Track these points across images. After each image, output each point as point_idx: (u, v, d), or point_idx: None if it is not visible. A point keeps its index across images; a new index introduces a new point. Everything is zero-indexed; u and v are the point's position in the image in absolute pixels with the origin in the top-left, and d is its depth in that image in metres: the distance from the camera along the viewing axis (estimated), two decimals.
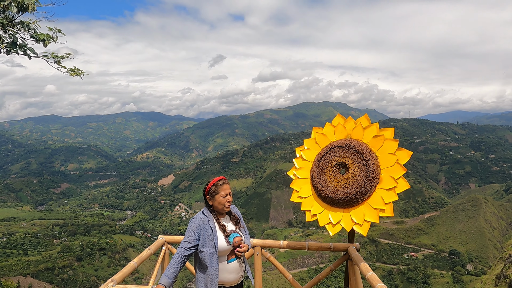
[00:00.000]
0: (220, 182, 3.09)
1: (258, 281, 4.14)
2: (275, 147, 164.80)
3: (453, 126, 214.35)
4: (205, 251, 2.98)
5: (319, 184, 3.91)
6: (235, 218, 3.21)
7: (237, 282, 3.17)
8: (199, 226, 3.04)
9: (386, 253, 79.11)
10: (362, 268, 3.43)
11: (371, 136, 3.83)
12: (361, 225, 3.60)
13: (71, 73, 5.52)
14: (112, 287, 3.02)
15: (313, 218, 3.92)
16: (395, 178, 3.52)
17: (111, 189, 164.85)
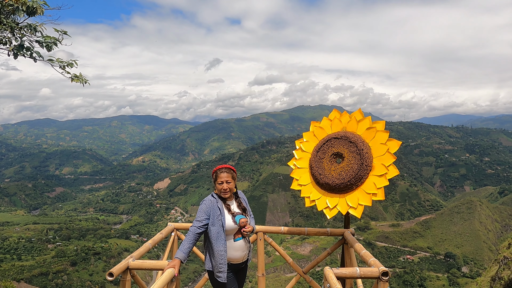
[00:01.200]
0: (219, 171, 3.44)
1: (261, 264, 4.56)
2: (271, 151, 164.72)
3: (448, 129, 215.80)
4: (214, 230, 3.32)
5: (317, 172, 4.29)
6: (242, 204, 3.54)
7: (243, 260, 3.49)
8: (209, 207, 3.38)
9: (382, 256, 79.19)
10: (356, 248, 3.76)
11: (365, 128, 4.20)
12: (355, 208, 3.96)
13: (74, 79, 5.47)
14: (132, 261, 3.33)
15: (312, 204, 4.28)
16: (386, 165, 3.89)
17: (106, 193, 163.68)
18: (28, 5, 4.47)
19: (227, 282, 3.36)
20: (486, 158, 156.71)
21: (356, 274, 3.19)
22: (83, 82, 5.52)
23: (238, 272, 3.55)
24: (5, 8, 4.55)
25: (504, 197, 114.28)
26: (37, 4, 4.51)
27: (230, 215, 3.40)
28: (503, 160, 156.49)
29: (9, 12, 4.72)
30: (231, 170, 3.49)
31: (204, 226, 3.33)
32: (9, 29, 4.69)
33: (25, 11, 4.52)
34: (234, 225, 3.38)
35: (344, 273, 3.18)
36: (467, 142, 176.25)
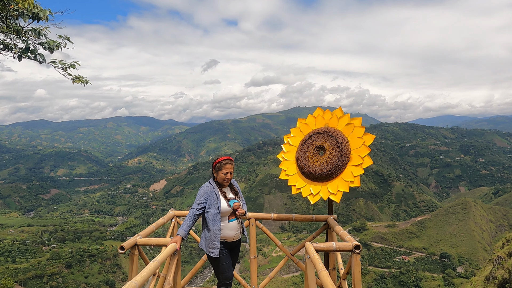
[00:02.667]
0: (224, 162, 3.88)
1: (253, 247, 5.02)
2: (268, 152, 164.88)
3: (443, 130, 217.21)
4: (210, 212, 3.78)
5: (302, 163, 4.76)
6: (235, 189, 4.03)
7: (236, 238, 3.96)
8: (206, 192, 3.85)
9: (378, 256, 79.43)
10: (336, 230, 4.18)
11: (344, 124, 4.67)
12: (335, 194, 4.39)
13: (76, 80, 5.61)
14: (139, 238, 3.74)
15: (298, 191, 4.73)
16: (361, 156, 4.36)
17: (101, 194, 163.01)
18: (33, 11, 4.73)
19: (221, 257, 3.81)
20: (480, 159, 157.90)
21: (333, 247, 3.38)
22: (84, 83, 5.71)
23: (232, 250, 4.00)
24: (11, 13, 4.75)
25: (498, 198, 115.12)
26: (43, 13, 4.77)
27: (225, 199, 3.87)
28: (497, 161, 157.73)
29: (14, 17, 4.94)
30: (233, 162, 3.99)
31: (202, 208, 3.82)
32: (14, 32, 4.90)
33: (30, 16, 4.75)
34: (229, 208, 3.85)
35: (322, 246, 3.38)
36: (462, 143, 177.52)
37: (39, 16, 4.82)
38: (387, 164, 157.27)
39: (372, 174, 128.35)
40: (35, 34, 5.15)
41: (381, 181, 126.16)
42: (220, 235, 3.80)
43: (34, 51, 5.22)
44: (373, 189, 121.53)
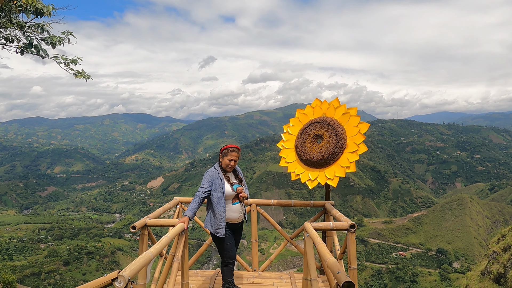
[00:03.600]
0: (231, 149, 4.14)
1: (254, 231, 5.31)
2: (265, 148, 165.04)
3: (439, 127, 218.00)
4: (215, 195, 4.03)
5: (301, 151, 4.99)
6: (239, 176, 4.31)
7: (239, 220, 4.24)
8: (212, 176, 4.09)
9: (375, 252, 79.94)
10: (333, 213, 4.39)
11: (341, 114, 4.88)
12: (332, 179, 4.63)
13: (77, 75, 5.76)
14: (149, 220, 3.99)
15: (297, 177, 4.97)
16: (357, 143, 4.58)
17: (99, 192, 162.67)
18: (37, 7, 4.85)
19: (226, 237, 4.07)
20: (476, 155, 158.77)
21: (330, 226, 3.58)
22: (86, 77, 5.86)
23: (235, 231, 4.28)
24: (14, 9, 4.88)
25: (494, 194, 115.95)
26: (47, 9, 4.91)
27: (229, 184, 4.13)
28: (493, 157, 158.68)
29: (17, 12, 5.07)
30: (239, 150, 4.27)
31: (207, 192, 4.06)
32: (18, 27, 5.06)
33: (33, 12, 4.89)
34: (232, 192, 4.12)
35: (320, 225, 3.57)
36: (458, 140, 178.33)
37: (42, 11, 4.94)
38: (384, 161, 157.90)
39: (369, 170, 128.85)
40: (38, 29, 5.27)
41: (378, 178, 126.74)
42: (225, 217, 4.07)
43: (37, 46, 5.34)
44: (370, 186, 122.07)
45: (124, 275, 2.18)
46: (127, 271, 2.25)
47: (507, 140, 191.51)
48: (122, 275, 2.18)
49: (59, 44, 5.51)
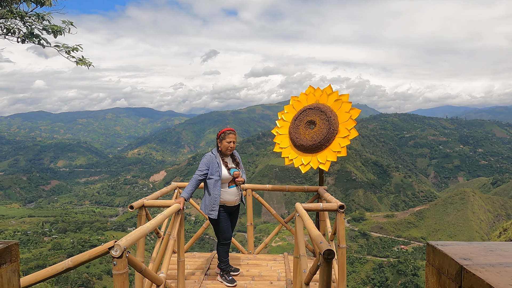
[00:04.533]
0: (228, 132, 4.32)
1: (249, 215, 5.48)
2: (267, 143, 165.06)
3: (442, 121, 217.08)
4: (212, 178, 4.17)
5: (294, 137, 5.12)
6: (236, 160, 4.42)
7: (235, 203, 4.37)
8: (209, 160, 4.24)
9: (377, 246, 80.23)
10: (325, 197, 4.55)
11: (333, 100, 4.98)
12: (324, 163, 4.77)
13: (79, 62, 5.85)
14: (146, 200, 4.16)
15: (290, 162, 5.13)
16: (348, 129, 4.70)
17: (102, 185, 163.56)
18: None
19: (221, 219, 4.25)
20: (479, 149, 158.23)
21: (320, 207, 3.71)
22: (87, 65, 5.93)
23: (231, 214, 4.42)
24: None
25: (496, 188, 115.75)
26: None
27: (226, 168, 4.25)
28: (496, 151, 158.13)
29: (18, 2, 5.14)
30: (235, 133, 4.43)
31: (204, 175, 4.20)
32: (18, 17, 5.08)
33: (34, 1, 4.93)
34: (229, 175, 4.24)
35: (310, 206, 3.69)
36: (461, 134, 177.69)
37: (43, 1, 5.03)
38: (386, 155, 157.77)
39: (371, 164, 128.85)
40: (38, 19, 5.35)
41: (380, 172, 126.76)
42: (221, 200, 4.21)
43: (38, 35, 5.43)
44: (372, 180, 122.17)
45: (120, 244, 2.33)
46: (123, 241, 2.39)
47: (510, 134, 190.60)
48: (118, 244, 2.33)
49: (60, 34, 5.56)
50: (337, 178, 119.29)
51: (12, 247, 0.98)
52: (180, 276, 3.84)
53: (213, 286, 4.30)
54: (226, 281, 4.36)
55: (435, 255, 0.96)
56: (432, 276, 0.96)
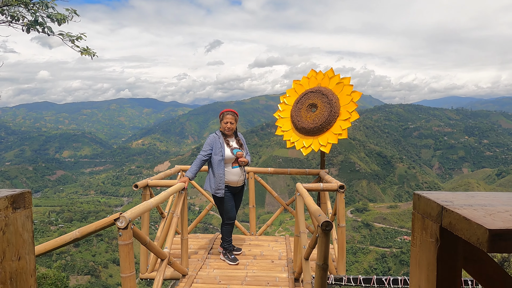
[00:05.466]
0: (226, 113, 4.40)
1: (251, 198, 5.61)
2: (271, 133, 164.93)
3: (447, 112, 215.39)
4: (216, 158, 4.25)
5: (296, 120, 5.16)
6: (240, 142, 4.49)
7: (239, 184, 4.44)
8: (212, 141, 4.34)
9: (380, 236, 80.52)
10: (326, 178, 4.66)
11: (335, 83, 4.99)
12: (325, 146, 4.82)
13: (83, 52, 5.89)
14: (150, 180, 4.30)
15: (292, 145, 5.19)
16: (349, 111, 4.72)
17: (106, 175, 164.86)
18: None
19: (226, 199, 4.32)
20: (485, 141, 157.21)
21: (320, 187, 3.78)
22: (91, 55, 5.97)
23: (235, 194, 4.51)
24: None
25: (501, 179, 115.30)
26: None
27: (229, 148, 4.32)
28: (502, 142, 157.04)
29: None
30: (234, 114, 4.45)
31: (208, 155, 4.29)
32: (23, 4, 5.08)
33: None
34: (232, 155, 4.30)
35: (311, 186, 3.77)
36: (466, 125, 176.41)
37: None
38: (391, 146, 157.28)
39: (375, 155, 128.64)
40: (42, 7, 5.38)
41: (384, 163, 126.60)
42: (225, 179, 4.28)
43: (42, 23, 5.47)
44: (376, 171, 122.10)
45: (125, 216, 2.42)
46: (128, 213, 2.48)
47: None
48: (124, 215, 2.42)
49: (64, 22, 5.59)
50: (341, 169, 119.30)
51: (26, 194, 1.06)
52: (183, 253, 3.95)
53: (216, 264, 4.41)
54: (228, 260, 4.47)
55: (420, 202, 1.00)
56: (417, 222, 1.02)
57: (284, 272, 4.15)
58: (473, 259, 0.94)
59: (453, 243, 0.89)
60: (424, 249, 0.97)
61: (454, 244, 0.90)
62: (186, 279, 3.85)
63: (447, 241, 0.89)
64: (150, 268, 4.07)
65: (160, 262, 3.20)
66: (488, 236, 0.69)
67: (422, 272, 0.99)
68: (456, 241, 0.89)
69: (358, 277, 3.64)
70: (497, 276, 0.93)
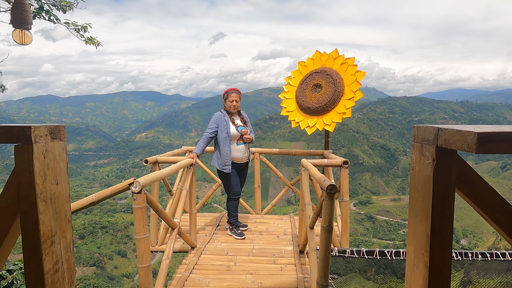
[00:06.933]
0: (231, 92, 4.55)
1: (257, 177, 5.78)
2: (274, 126, 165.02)
3: (452, 104, 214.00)
4: (221, 135, 4.40)
5: (301, 100, 5.24)
6: (244, 119, 4.63)
7: (243, 161, 4.61)
8: (218, 119, 4.49)
9: (383, 229, 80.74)
10: (331, 157, 4.72)
11: (339, 64, 5.04)
12: (329, 125, 4.90)
13: (88, 42, 5.97)
14: (159, 157, 4.47)
15: (297, 125, 5.29)
16: (353, 91, 4.80)
17: (111, 168, 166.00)
18: None
19: (231, 174, 4.49)
20: None
21: (325, 163, 3.90)
22: (96, 44, 6.05)
23: (240, 171, 4.68)
24: None
25: (505, 172, 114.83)
26: None
27: (234, 126, 4.46)
28: None
29: None
30: (238, 92, 4.60)
31: (214, 132, 4.43)
32: None
33: None
34: (237, 132, 4.46)
35: (316, 162, 3.90)
36: (471, 117, 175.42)
37: None
38: (394, 139, 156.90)
39: (378, 148, 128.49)
40: None
41: (387, 156, 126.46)
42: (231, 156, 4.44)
43: (48, 11, 5.54)
44: (380, 164, 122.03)
45: (139, 181, 2.55)
46: (141, 179, 2.61)
47: None
48: (138, 180, 2.55)
49: (69, 9, 5.65)
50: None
51: (61, 128, 1.18)
52: (192, 227, 4.10)
53: (223, 238, 4.57)
54: (235, 234, 4.63)
55: (419, 131, 1.08)
56: (416, 151, 1.10)
57: (289, 245, 4.32)
58: (465, 180, 1.02)
59: (447, 161, 0.98)
60: (422, 172, 1.05)
61: (449, 162, 0.98)
62: (195, 251, 4.01)
63: (442, 160, 0.97)
64: (160, 242, 4.22)
65: (171, 231, 3.33)
66: (477, 139, 0.79)
67: (419, 193, 1.07)
68: (450, 159, 0.98)
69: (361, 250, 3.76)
70: (488, 195, 1.03)
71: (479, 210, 1.08)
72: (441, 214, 1.01)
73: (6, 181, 0.97)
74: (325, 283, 2.53)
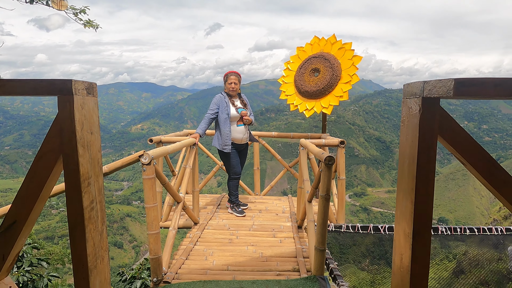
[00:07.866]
0: (230, 74, 4.66)
1: (256, 160, 6.03)
2: (270, 118, 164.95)
3: None
4: (222, 116, 4.56)
5: (299, 84, 5.39)
6: (244, 102, 4.81)
7: (243, 142, 4.79)
8: (219, 100, 4.65)
9: (378, 221, 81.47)
10: (328, 138, 4.81)
11: (337, 49, 5.19)
12: (327, 108, 5.06)
13: (86, 25, 6.00)
14: (163, 137, 4.61)
15: (295, 108, 5.44)
16: (350, 74, 4.94)
17: (106, 160, 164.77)
18: None
19: (232, 154, 4.65)
20: (484, 126, 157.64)
21: (322, 143, 4.06)
22: (95, 27, 6.06)
23: (240, 152, 4.85)
24: None
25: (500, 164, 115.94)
26: None
27: (234, 107, 4.62)
28: (501, 127, 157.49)
29: None
30: (238, 75, 4.70)
31: (215, 114, 4.58)
32: None
33: None
34: (237, 114, 4.62)
35: (314, 141, 4.04)
36: (466, 110, 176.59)
37: None
38: (390, 131, 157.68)
39: (374, 140, 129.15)
40: None
41: (383, 148, 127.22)
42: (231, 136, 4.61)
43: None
44: (375, 156, 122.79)
45: (149, 153, 2.71)
46: (150, 152, 2.77)
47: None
48: (147, 153, 2.71)
49: None
50: None
51: (94, 85, 1.31)
52: (195, 204, 4.29)
53: (224, 216, 4.77)
54: (236, 212, 4.83)
55: (408, 88, 1.26)
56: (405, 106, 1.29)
57: (288, 222, 4.54)
58: (446, 128, 1.20)
59: (431, 111, 1.17)
60: (410, 122, 1.23)
61: (432, 111, 1.17)
62: (198, 226, 4.21)
63: (427, 109, 1.16)
64: (164, 218, 4.40)
65: (176, 205, 3.51)
66: (454, 84, 1.00)
67: (407, 140, 1.25)
68: (434, 109, 1.17)
69: (356, 225, 3.97)
70: (467, 143, 1.21)
71: (459, 156, 1.23)
72: (427, 156, 1.17)
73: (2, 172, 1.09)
74: (322, 248, 2.72)
